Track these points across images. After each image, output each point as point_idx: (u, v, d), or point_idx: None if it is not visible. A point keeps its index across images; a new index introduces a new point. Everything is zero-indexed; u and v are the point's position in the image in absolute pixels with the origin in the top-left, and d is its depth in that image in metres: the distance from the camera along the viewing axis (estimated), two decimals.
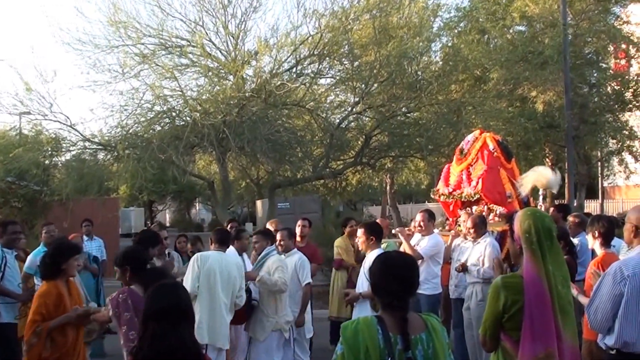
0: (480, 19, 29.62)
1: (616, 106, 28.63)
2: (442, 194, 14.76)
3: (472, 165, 14.41)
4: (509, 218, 9.30)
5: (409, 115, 25.02)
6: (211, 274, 9.95)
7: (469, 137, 14.88)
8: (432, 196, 15.51)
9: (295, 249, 11.91)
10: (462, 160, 14.63)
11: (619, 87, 28.91)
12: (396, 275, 4.88)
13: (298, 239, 13.17)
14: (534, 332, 5.37)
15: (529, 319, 5.41)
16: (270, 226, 13.33)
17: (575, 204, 29.21)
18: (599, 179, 45.01)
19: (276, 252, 11.20)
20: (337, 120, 25.22)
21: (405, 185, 46.96)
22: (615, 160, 33.41)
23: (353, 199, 50.62)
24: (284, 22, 23.91)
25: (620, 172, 33.19)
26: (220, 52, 24.39)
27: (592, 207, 47.18)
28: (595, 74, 29.25)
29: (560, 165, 31.82)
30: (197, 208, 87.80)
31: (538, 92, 28.08)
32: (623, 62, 31.16)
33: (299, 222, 14.42)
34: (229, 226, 14.30)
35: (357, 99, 24.46)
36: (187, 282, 9.84)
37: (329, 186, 31.78)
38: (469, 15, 30.08)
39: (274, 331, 10.91)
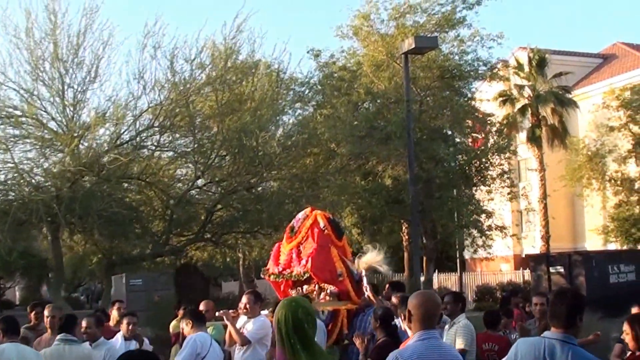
0: (327, 93, 30.31)
1: (461, 181, 29.63)
2: (272, 274, 14.73)
3: (302, 244, 14.49)
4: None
5: (252, 190, 25.11)
6: None
7: (300, 215, 14.97)
8: (262, 276, 15.47)
9: (103, 339, 11.28)
10: (292, 238, 14.69)
11: (463, 162, 29.99)
12: None
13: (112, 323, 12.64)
14: None
15: None
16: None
17: (423, 279, 29.81)
18: (457, 251, 46.29)
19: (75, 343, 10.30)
20: (179, 195, 25.02)
21: (259, 261, 46.88)
22: (463, 234, 34.50)
23: (210, 274, 49.93)
24: (124, 92, 24.00)
25: (468, 246, 34.25)
26: (56, 123, 23.92)
27: (452, 280, 48.38)
28: (442, 149, 29.97)
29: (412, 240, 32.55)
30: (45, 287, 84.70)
31: (384, 167, 28.81)
32: (478, 137, 32.49)
33: (116, 305, 14.03)
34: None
35: (199, 173, 24.42)
36: None
37: (182, 262, 31.41)
38: (321, 89, 30.69)
39: None
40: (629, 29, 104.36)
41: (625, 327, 8.11)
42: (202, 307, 12.91)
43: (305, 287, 14.16)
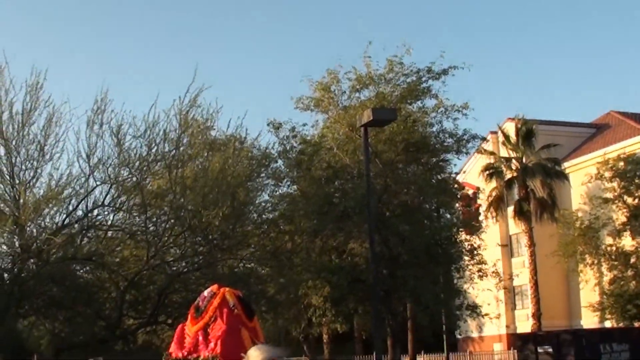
0: (282, 168, 30.36)
1: (426, 259, 29.10)
2: (177, 359, 14.28)
3: (209, 325, 14.00)
4: None
5: (203, 271, 24.96)
6: None
7: (206, 293, 14.25)
8: None
9: None
10: (198, 319, 14.16)
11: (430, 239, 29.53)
12: None
13: None
14: None
15: None
16: None
17: None
18: (444, 331, 45.73)
19: None
20: (131, 276, 24.83)
21: None
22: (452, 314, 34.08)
23: None
24: (75, 170, 23.90)
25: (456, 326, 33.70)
26: (5, 203, 23.96)
27: None
28: (401, 226, 29.52)
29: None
30: None
31: (342, 244, 28.62)
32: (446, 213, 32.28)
33: None
34: None
35: (151, 254, 24.24)
36: None
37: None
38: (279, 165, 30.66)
39: None
40: (623, 98, 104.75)
41: None
42: None
43: None
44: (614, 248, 42.43)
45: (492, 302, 41.22)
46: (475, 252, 31.66)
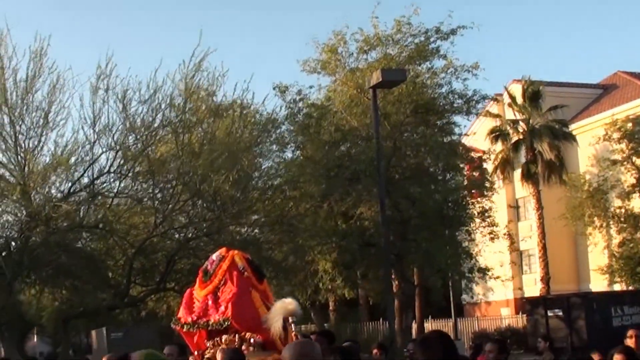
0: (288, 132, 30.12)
1: (437, 222, 29.02)
2: (186, 323, 14.11)
3: (219, 288, 13.86)
4: None
5: (211, 237, 24.79)
6: None
7: (214, 257, 14.20)
8: (172, 326, 14.92)
9: None
10: (207, 283, 14.04)
11: (441, 201, 29.43)
12: None
13: None
14: None
15: None
16: None
17: (397, 327, 29.18)
18: (452, 296, 45.67)
19: None
20: (139, 243, 24.69)
21: None
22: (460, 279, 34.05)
23: None
24: (79, 136, 23.63)
25: (463, 290, 33.68)
26: (8, 171, 23.77)
27: (448, 326, 47.53)
28: (413, 188, 29.35)
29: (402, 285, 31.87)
30: (35, 340, 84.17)
31: (349, 207, 28.50)
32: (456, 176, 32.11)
33: None
34: None
35: (159, 220, 24.10)
36: None
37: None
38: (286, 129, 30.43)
39: None
40: (630, 58, 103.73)
41: None
42: (166, 350, 12.62)
43: (224, 337, 13.61)
44: (622, 210, 42.22)
45: (503, 265, 41.19)
46: (487, 214, 31.59)
